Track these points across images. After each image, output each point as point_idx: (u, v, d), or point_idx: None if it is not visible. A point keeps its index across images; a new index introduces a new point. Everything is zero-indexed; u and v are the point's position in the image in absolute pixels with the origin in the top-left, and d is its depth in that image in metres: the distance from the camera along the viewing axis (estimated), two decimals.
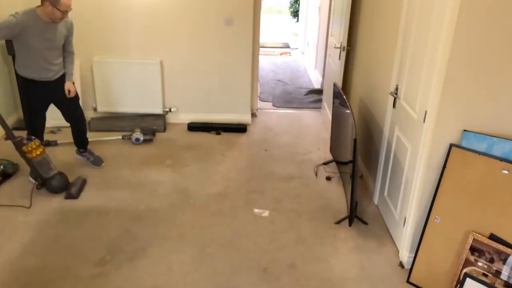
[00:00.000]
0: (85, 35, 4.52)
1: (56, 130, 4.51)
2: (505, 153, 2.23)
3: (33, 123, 3.54)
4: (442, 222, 2.44)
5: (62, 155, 4.03)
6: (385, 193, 3.21)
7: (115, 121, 4.67)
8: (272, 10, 15.46)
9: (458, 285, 2.33)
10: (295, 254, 2.86)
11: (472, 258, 2.31)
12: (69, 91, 3.46)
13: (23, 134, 4.41)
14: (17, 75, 3.42)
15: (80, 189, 3.47)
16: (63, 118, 3.68)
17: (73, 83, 3.51)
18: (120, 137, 4.41)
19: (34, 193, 3.41)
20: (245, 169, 3.95)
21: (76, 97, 3.59)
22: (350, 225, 3.14)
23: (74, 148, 3.92)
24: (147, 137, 4.37)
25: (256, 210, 3.29)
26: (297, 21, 11.06)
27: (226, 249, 2.89)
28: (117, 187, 3.58)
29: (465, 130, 2.34)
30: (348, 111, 3.22)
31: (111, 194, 3.47)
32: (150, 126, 4.63)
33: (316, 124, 5.08)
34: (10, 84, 4.63)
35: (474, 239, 2.30)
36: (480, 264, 2.29)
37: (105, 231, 3.02)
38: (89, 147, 3.90)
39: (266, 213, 3.24)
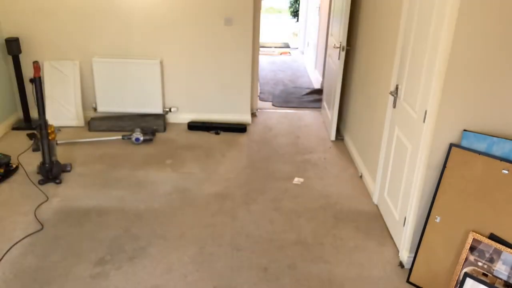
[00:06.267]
0: (85, 35, 4.53)
1: (56, 129, 4.50)
2: (505, 153, 2.23)
3: None
4: (442, 222, 2.44)
5: (62, 153, 4.04)
6: (385, 193, 3.21)
7: (115, 121, 4.67)
8: (272, 10, 15.47)
9: (458, 285, 2.33)
10: (295, 254, 2.86)
11: (472, 258, 2.31)
12: None
13: (22, 134, 4.45)
14: None
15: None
16: (63, 118, 3.64)
17: None
18: (120, 137, 4.41)
19: (34, 194, 3.42)
20: (245, 169, 3.95)
21: None
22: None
23: (74, 147, 3.87)
24: (147, 137, 4.37)
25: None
26: (297, 21, 11.06)
27: (226, 249, 2.89)
28: (117, 187, 3.58)
29: (465, 130, 2.34)
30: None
31: (111, 194, 3.48)
32: (150, 126, 4.64)
33: (316, 124, 5.08)
34: (10, 84, 4.63)
35: (474, 239, 2.30)
36: (480, 264, 2.29)
37: (105, 231, 3.02)
38: None
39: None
